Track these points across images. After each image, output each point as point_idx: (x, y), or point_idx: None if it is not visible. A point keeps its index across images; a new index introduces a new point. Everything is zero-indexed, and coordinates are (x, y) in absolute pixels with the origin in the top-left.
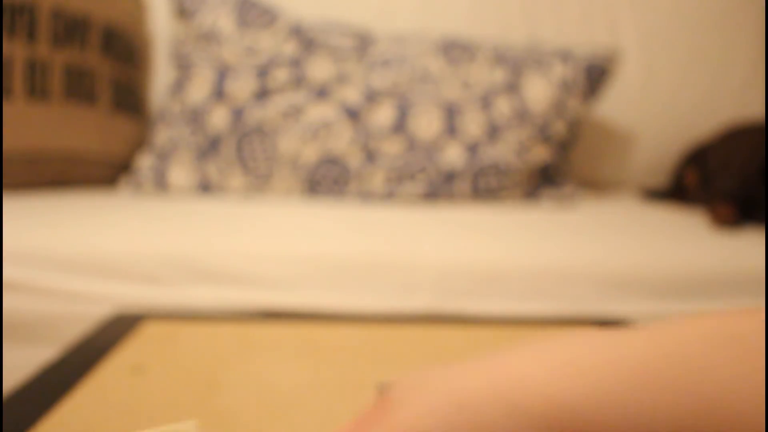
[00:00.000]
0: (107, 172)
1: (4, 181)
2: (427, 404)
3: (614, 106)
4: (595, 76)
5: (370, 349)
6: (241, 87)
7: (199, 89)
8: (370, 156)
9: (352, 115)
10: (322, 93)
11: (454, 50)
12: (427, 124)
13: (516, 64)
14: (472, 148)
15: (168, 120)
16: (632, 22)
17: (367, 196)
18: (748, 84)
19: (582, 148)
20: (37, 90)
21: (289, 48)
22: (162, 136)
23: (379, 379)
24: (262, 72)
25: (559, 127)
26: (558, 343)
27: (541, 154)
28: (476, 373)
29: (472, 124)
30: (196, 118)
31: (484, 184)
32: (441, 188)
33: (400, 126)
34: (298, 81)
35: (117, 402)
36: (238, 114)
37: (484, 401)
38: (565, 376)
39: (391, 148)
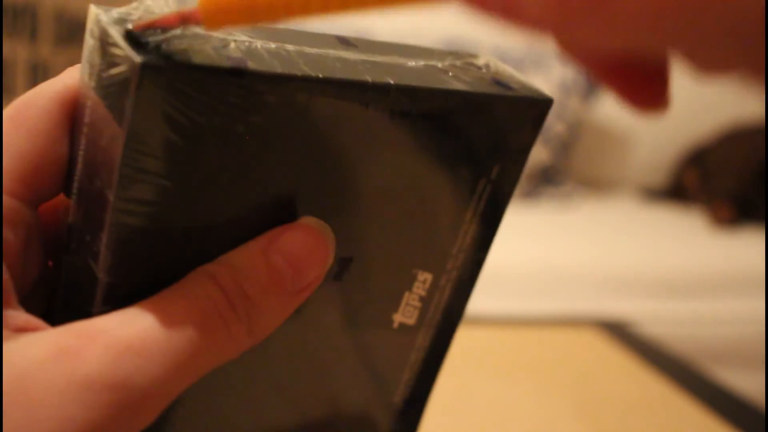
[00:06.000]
0: None
1: None
2: None
3: (614, 106)
4: None
5: None
6: None
7: None
8: None
9: None
10: None
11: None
12: None
13: (516, 65)
14: None
15: None
16: None
17: None
18: (747, 84)
19: (582, 148)
20: None
21: None
22: None
23: None
24: None
25: (558, 128)
26: None
27: (540, 154)
28: None
29: None
30: None
31: None
32: None
33: None
34: None
35: None
36: None
37: None
38: None
39: None
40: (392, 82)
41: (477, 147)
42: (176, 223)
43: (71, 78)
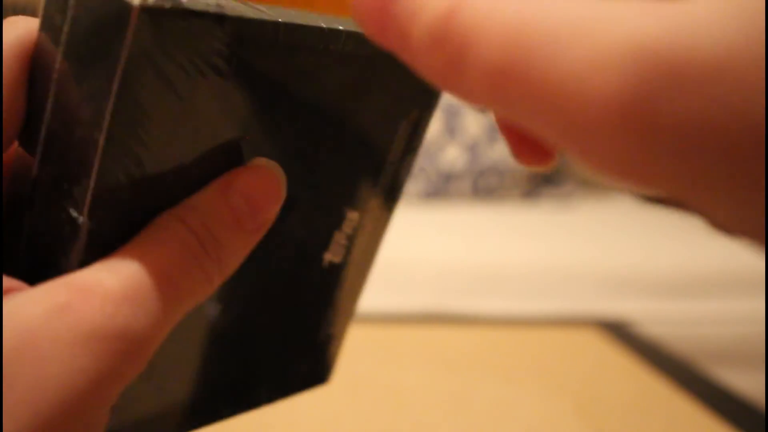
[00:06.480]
0: None
1: None
2: None
3: None
4: None
5: (369, 348)
6: None
7: None
8: None
9: None
10: None
11: None
12: None
13: None
14: (472, 149)
15: None
16: None
17: None
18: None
19: None
20: None
21: None
22: None
23: (378, 379)
24: None
25: None
26: None
27: None
28: None
29: (472, 125)
30: None
31: (484, 184)
32: (440, 188)
33: None
34: None
35: None
36: None
37: None
38: None
39: None
40: (342, 28)
41: (402, 89)
42: (153, 168)
43: (20, 27)
